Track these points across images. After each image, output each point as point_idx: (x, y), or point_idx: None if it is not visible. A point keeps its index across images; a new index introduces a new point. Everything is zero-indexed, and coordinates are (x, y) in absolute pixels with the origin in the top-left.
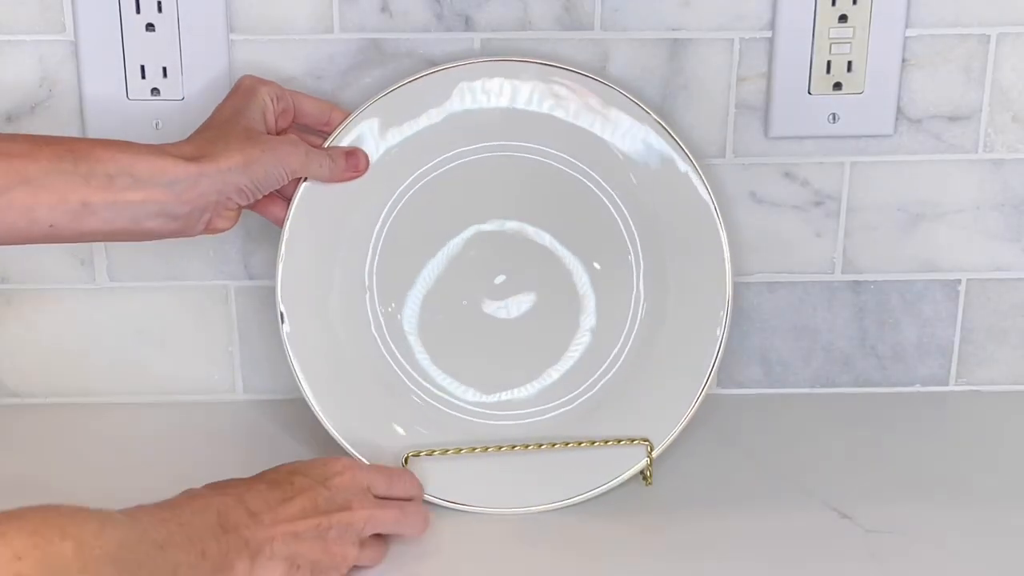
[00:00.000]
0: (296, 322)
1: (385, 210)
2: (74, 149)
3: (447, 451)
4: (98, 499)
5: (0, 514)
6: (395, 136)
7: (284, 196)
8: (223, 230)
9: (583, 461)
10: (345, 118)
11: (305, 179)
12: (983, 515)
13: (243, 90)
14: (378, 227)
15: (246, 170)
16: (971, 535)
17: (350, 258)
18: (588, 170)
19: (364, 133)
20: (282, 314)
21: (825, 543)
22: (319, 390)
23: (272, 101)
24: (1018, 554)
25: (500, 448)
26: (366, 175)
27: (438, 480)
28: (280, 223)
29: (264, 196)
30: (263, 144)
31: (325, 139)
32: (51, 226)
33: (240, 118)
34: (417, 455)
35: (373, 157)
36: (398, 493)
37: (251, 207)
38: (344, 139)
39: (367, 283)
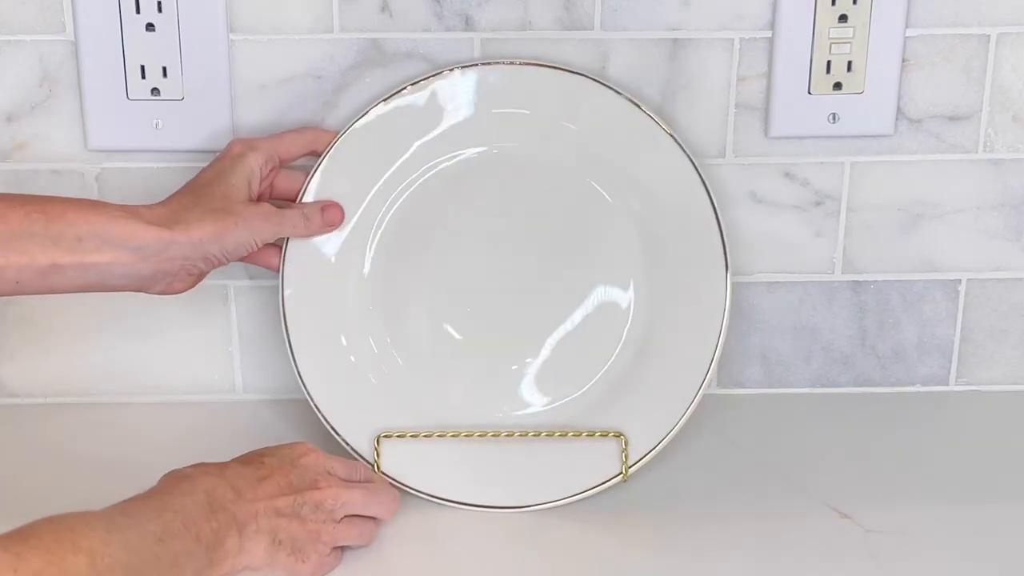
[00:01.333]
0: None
1: (379, 216)
2: (46, 210)
3: (419, 434)
4: (99, 498)
5: (13, 533)
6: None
7: (276, 245)
8: (180, 291)
9: (565, 459)
10: (331, 136)
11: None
12: (984, 515)
13: (231, 156)
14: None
15: (217, 240)
16: (972, 536)
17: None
18: (590, 168)
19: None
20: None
21: (824, 543)
22: (319, 390)
23: (260, 169)
24: (1019, 554)
25: (473, 435)
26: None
27: (417, 468)
28: (275, 269)
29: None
30: (236, 215)
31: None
32: (17, 283)
33: (221, 184)
34: (389, 436)
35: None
36: (358, 478)
37: (244, 260)
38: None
39: (367, 289)
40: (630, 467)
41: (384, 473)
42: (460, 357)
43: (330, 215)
